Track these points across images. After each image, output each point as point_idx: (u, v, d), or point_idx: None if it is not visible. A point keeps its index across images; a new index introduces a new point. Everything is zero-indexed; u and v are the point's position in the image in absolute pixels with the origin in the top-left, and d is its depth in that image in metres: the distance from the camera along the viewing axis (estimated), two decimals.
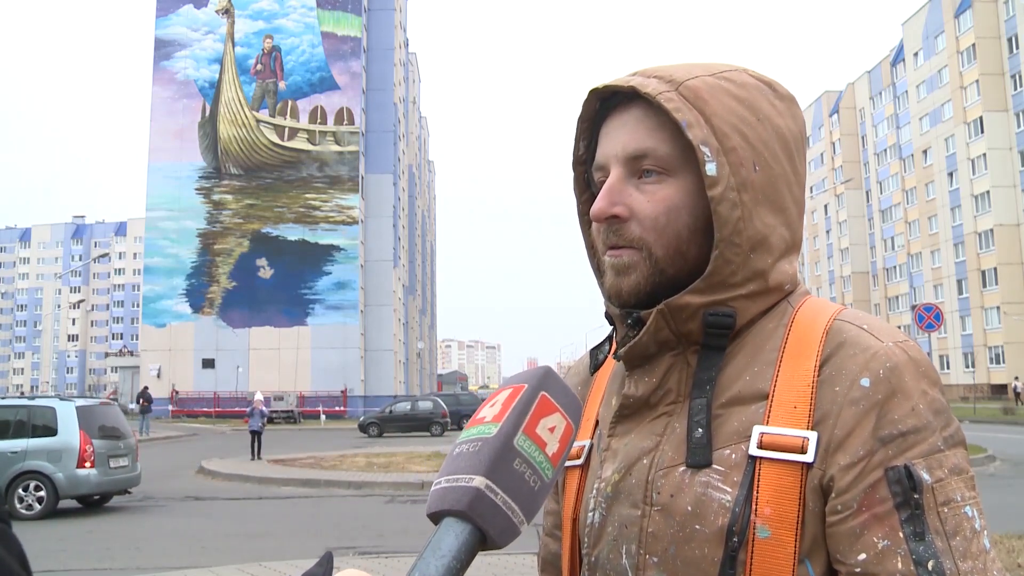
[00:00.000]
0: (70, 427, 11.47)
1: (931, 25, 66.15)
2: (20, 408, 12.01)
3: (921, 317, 18.35)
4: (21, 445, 11.45)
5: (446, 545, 0.63)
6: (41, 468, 11.28)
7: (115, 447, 12.07)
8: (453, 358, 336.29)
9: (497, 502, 0.65)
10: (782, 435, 0.79)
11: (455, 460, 0.68)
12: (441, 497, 0.65)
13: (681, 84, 0.85)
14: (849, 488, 0.76)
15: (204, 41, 58.63)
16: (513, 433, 0.67)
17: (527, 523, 0.67)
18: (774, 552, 0.77)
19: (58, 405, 11.83)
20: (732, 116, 0.85)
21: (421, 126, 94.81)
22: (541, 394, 0.70)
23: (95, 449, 11.47)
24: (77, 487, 11.39)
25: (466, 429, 0.71)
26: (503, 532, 0.65)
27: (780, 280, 0.88)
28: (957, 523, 0.74)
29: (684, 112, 0.84)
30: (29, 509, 11.17)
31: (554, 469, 0.69)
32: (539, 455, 0.68)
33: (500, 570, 7.24)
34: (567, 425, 0.71)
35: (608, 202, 0.87)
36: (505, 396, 0.71)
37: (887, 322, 0.84)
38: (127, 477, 12.33)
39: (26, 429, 11.64)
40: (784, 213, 0.88)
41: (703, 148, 0.83)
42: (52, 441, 11.46)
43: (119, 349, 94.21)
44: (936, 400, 0.79)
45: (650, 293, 0.88)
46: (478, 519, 0.64)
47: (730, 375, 0.86)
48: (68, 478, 11.25)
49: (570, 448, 0.71)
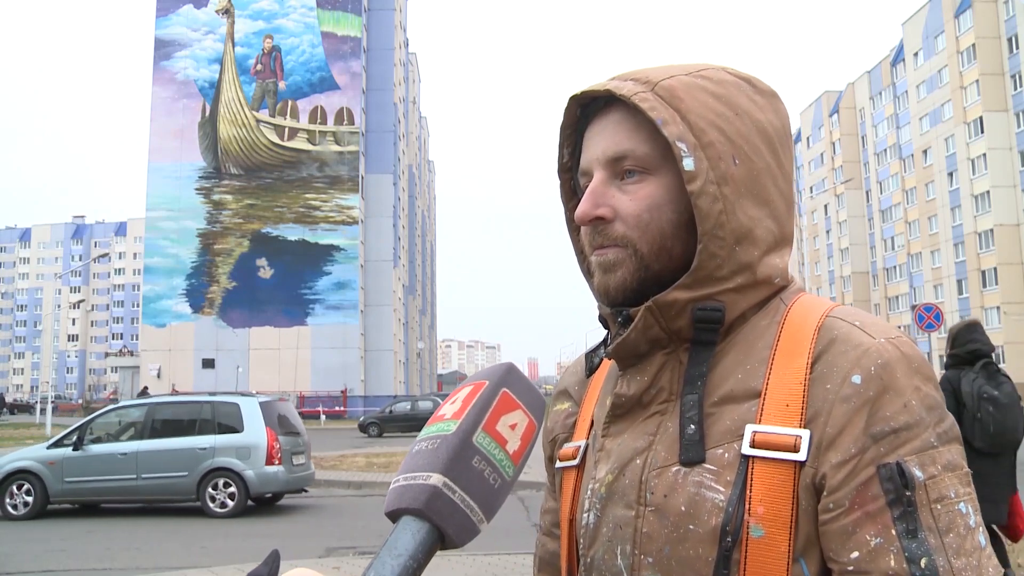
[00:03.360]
0: (256, 424, 11.32)
1: (931, 25, 66.12)
2: (204, 404, 11.92)
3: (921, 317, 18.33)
4: (210, 442, 11.33)
5: (403, 544, 0.62)
6: (231, 465, 11.14)
7: (296, 444, 11.93)
8: (453, 358, 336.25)
9: (455, 500, 0.64)
10: (774, 434, 0.79)
11: (413, 458, 0.67)
12: (398, 495, 0.65)
13: (656, 84, 0.86)
14: (841, 486, 0.76)
15: (204, 41, 58.60)
16: (472, 430, 0.66)
17: (487, 522, 0.66)
18: (768, 551, 0.77)
19: (242, 401, 11.72)
20: (709, 112, 0.85)
21: (421, 126, 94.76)
22: (502, 391, 0.69)
23: (281, 446, 11.34)
24: (267, 484, 11.27)
25: (426, 427, 0.70)
26: (461, 531, 0.64)
27: (769, 273, 0.88)
28: (951, 520, 0.74)
29: (659, 111, 0.85)
30: (222, 507, 11.11)
31: (515, 467, 0.68)
32: (499, 453, 0.67)
33: (500, 570, 7.23)
34: (529, 422, 0.70)
35: (592, 204, 0.88)
36: (466, 393, 0.70)
37: (883, 319, 0.85)
38: (306, 475, 12.18)
39: (211, 425, 11.53)
40: (769, 205, 0.88)
41: (679, 144, 0.84)
42: (239, 438, 11.29)
43: (119, 349, 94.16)
44: (929, 396, 0.78)
45: (637, 290, 0.88)
46: (435, 517, 0.63)
47: (722, 373, 0.85)
48: (258, 475, 11.12)
49: (532, 446, 0.71)
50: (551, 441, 1.04)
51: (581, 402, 1.02)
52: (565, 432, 1.02)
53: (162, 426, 11.70)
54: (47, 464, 11.44)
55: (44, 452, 11.70)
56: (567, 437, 1.01)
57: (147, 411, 11.94)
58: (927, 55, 66.92)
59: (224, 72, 58.05)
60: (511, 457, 0.68)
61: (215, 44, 58.47)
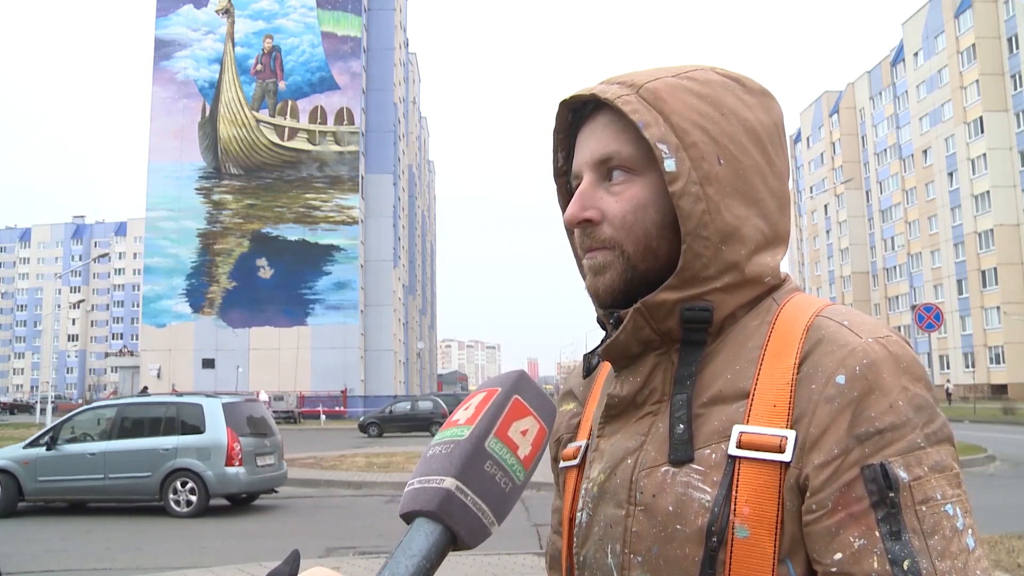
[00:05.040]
0: (217, 425, 11.37)
1: (931, 25, 66.14)
2: (170, 405, 12.03)
3: (921, 317, 18.37)
4: (173, 442, 11.42)
5: (416, 545, 0.64)
6: (191, 466, 11.21)
7: (262, 445, 11.92)
8: (453, 358, 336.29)
9: (467, 503, 0.65)
10: (761, 434, 0.79)
11: (427, 462, 0.68)
12: (413, 498, 0.67)
13: (641, 87, 0.87)
14: (823, 487, 0.76)
15: (204, 41, 58.59)
16: (484, 436, 0.68)
17: (498, 524, 0.68)
18: (753, 552, 0.77)
19: (205, 402, 11.78)
20: (692, 113, 0.86)
21: (421, 126, 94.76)
22: (514, 398, 0.71)
23: (243, 447, 11.37)
24: (227, 485, 11.30)
25: (440, 431, 0.72)
26: (473, 533, 0.66)
27: (758, 272, 0.88)
28: (936, 522, 0.73)
29: (641, 112, 0.85)
30: (184, 506, 11.17)
31: (526, 471, 0.70)
32: (511, 457, 0.69)
33: (500, 570, 7.23)
34: (540, 428, 0.72)
35: (580, 207, 0.89)
36: (479, 399, 0.72)
37: (875, 318, 0.84)
38: (274, 476, 12.17)
39: (176, 426, 11.61)
40: (758, 204, 0.88)
41: (660, 146, 0.84)
42: (200, 439, 11.36)
43: (119, 349, 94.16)
44: (918, 396, 0.78)
45: (625, 291, 0.89)
46: (448, 520, 0.65)
47: (713, 374, 0.86)
48: (218, 476, 11.16)
49: (543, 451, 0.72)
50: (556, 441, 1.05)
51: (585, 403, 1.03)
52: (569, 433, 1.03)
53: (131, 427, 11.85)
54: (22, 463, 11.59)
55: (20, 452, 11.83)
56: (571, 437, 1.02)
57: (118, 412, 12.08)
58: (927, 55, 66.94)
59: (224, 72, 58.04)
60: (522, 462, 0.69)
61: (215, 44, 58.46)
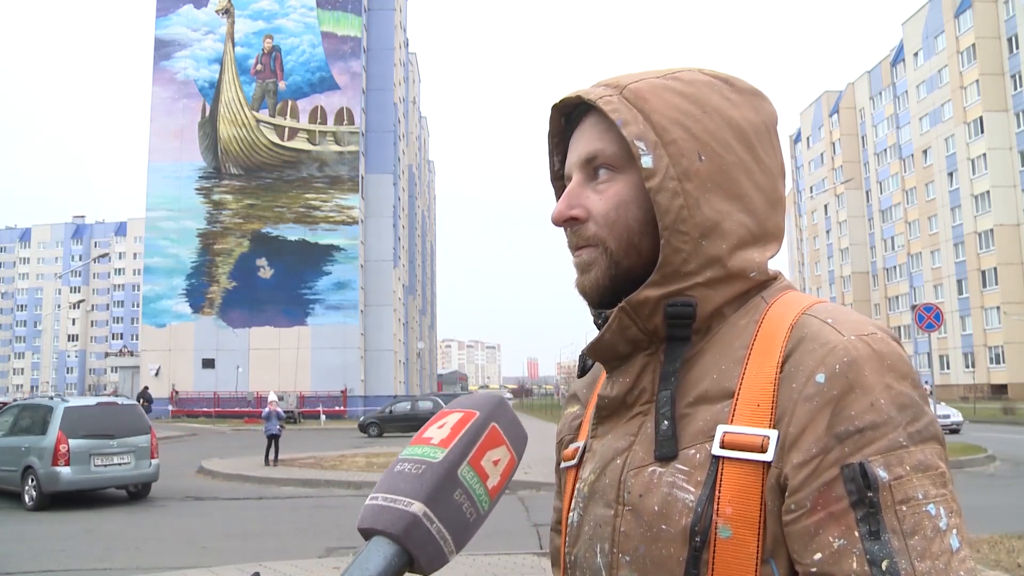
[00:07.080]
0: (53, 427, 12.33)
1: (931, 25, 66.12)
2: (40, 407, 13.18)
3: (921, 317, 18.35)
4: (28, 442, 12.56)
5: (374, 564, 0.62)
6: (32, 463, 12.26)
7: (105, 446, 12.60)
8: (453, 358, 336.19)
9: (432, 531, 0.64)
10: (744, 434, 0.79)
11: (394, 478, 0.66)
12: (376, 515, 0.65)
13: (624, 88, 0.89)
14: (802, 486, 0.75)
15: (204, 41, 58.57)
16: (458, 463, 0.67)
17: (456, 553, 0.67)
18: (736, 552, 0.77)
19: (55, 405, 12.77)
20: (674, 111, 0.87)
21: (421, 126, 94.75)
22: (492, 425, 0.70)
23: (71, 448, 12.17)
24: (54, 483, 12.03)
25: (410, 446, 0.70)
26: (432, 560, 0.65)
27: (742, 266, 0.88)
28: (916, 522, 0.72)
29: (622, 111, 0.87)
30: (32, 499, 12.17)
31: (491, 501, 0.69)
32: (480, 488, 0.67)
33: (500, 570, 7.23)
34: (511, 459, 0.71)
35: (566, 205, 0.91)
36: (455, 420, 0.70)
37: (864, 316, 0.84)
38: (125, 475, 12.80)
39: (36, 426, 12.75)
40: (742, 200, 0.88)
41: (637, 143, 0.86)
42: (41, 439, 12.38)
43: (119, 349, 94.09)
44: (902, 394, 0.77)
45: (611, 288, 0.90)
46: (410, 545, 0.63)
47: (699, 373, 0.86)
48: (46, 474, 12.01)
49: (509, 481, 0.72)
50: (559, 443, 1.06)
51: (587, 404, 1.04)
52: (571, 434, 1.05)
53: (19, 424, 13.26)
54: None
55: None
56: (572, 438, 1.04)
57: (18, 411, 13.71)
58: (927, 55, 66.92)
59: (224, 72, 58.02)
60: (489, 492, 0.68)
61: (215, 44, 58.45)
